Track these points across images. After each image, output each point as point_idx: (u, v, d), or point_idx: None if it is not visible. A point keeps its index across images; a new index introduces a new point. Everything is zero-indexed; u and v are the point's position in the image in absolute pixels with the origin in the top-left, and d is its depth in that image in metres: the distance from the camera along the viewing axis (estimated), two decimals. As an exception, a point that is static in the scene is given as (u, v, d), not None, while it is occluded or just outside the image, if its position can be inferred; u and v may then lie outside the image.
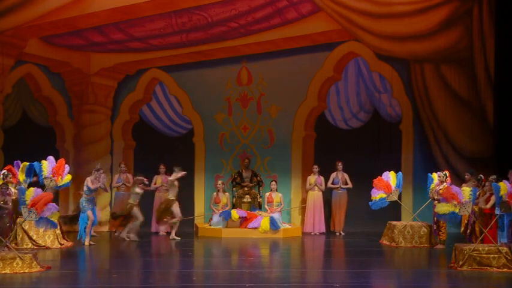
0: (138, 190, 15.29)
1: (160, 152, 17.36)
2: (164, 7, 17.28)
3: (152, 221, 16.63)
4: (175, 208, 15.55)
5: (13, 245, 12.85)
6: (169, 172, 16.55)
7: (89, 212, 14.48)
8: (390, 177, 14.50)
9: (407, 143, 17.43)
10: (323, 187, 16.78)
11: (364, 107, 17.63)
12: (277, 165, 17.56)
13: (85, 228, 14.45)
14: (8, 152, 16.49)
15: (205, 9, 17.32)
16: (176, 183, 15.59)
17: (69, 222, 16.19)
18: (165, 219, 15.73)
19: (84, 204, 14.55)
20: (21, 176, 12.78)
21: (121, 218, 15.76)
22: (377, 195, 14.48)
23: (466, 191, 11.70)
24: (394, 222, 14.88)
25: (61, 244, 14.13)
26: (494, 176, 13.23)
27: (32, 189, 11.23)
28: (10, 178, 12.81)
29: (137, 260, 13.31)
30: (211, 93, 17.64)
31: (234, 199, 16.91)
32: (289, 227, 16.54)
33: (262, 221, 15.85)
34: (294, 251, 14.72)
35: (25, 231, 13.86)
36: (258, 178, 17.09)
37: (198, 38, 17.47)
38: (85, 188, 14.62)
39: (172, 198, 15.52)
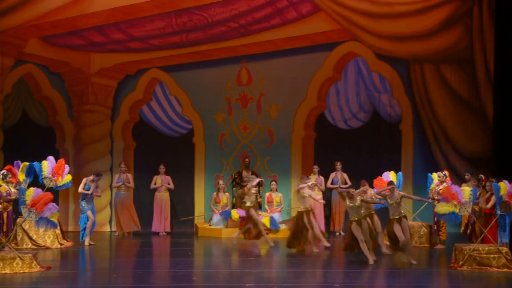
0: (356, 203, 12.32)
1: (160, 152, 17.36)
2: (164, 7, 17.29)
3: (153, 221, 16.63)
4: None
5: (13, 245, 12.86)
6: (169, 171, 16.59)
7: (89, 212, 14.49)
8: (390, 177, 14.48)
9: (407, 143, 17.42)
10: (323, 187, 16.78)
11: (364, 107, 17.63)
12: (277, 165, 17.57)
13: (85, 228, 14.45)
14: (8, 152, 16.49)
15: (205, 9, 17.33)
16: (254, 190, 14.36)
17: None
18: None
19: (83, 205, 14.56)
20: (21, 176, 12.77)
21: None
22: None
23: (466, 191, 11.70)
24: (394, 222, 14.84)
25: (61, 244, 14.14)
26: None
27: (32, 189, 11.23)
28: (10, 178, 12.80)
29: (137, 260, 13.31)
30: (211, 93, 17.64)
31: (234, 199, 16.92)
32: (289, 227, 16.52)
33: (262, 221, 15.84)
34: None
35: (25, 231, 13.87)
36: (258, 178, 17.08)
37: (198, 38, 17.48)
38: (80, 189, 14.66)
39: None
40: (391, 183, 12.37)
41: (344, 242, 12.77)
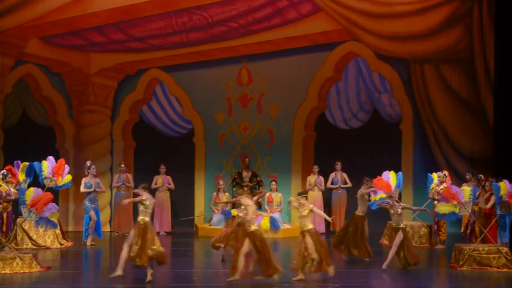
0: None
1: (160, 152, 17.36)
2: (164, 7, 17.30)
3: (154, 221, 16.63)
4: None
5: (13, 245, 12.86)
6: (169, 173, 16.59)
7: (91, 213, 14.48)
8: (390, 177, 14.46)
9: (407, 143, 17.42)
10: (323, 187, 16.79)
11: (364, 107, 17.63)
12: (277, 165, 17.56)
13: (87, 228, 14.45)
14: (8, 152, 16.49)
15: (205, 9, 17.34)
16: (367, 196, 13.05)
17: None
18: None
19: (87, 204, 14.56)
20: (21, 176, 12.77)
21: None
22: (377, 195, 14.44)
23: (466, 191, 11.70)
24: (394, 222, 14.84)
25: (61, 244, 14.14)
26: None
27: (32, 189, 11.24)
28: (10, 178, 12.80)
29: (137, 260, 13.28)
30: (211, 93, 17.65)
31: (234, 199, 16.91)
32: (289, 227, 16.54)
33: (262, 221, 15.81)
34: (294, 251, 14.68)
35: (25, 231, 13.87)
36: (258, 178, 17.09)
37: (198, 38, 17.49)
38: (81, 189, 14.68)
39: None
40: (390, 197, 12.22)
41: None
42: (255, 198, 13.22)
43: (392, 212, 11.98)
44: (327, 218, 11.71)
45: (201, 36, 17.49)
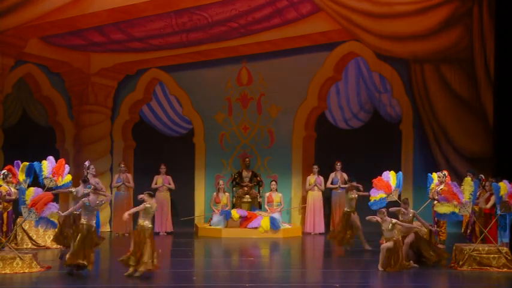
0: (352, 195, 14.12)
1: (160, 152, 17.36)
2: (164, 7, 17.30)
3: (155, 221, 16.62)
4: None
5: (13, 245, 12.86)
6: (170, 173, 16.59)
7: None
8: (390, 177, 14.45)
9: (407, 143, 17.43)
10: (323, 187, 16.79)
11: (364, 107, 17.64)
12: (277, 165, 17.56)
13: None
14: (8, 152, 16.49)
15: (205, 9, 17.34)
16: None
17: None
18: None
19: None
20: (21, 176, 12.76)
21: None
22: (377, 195, 14.42)
23: (467, 183, 11.70)
24: (394, 222, 14.83)
25: (61, 244, 14.12)
26: None
27: (32, 189, 11.24)
28: (10, 178, 12.80)
29: (137, 260, 13.27)
30: (211, 93, 17.64)
31: (234, 199, 16.92)
32: (289, 227, 16.55)
33: (262, 221, 15.87)
34: (294, 251, 14.72)
35: (25, 231, 13.87)
36: (258, 178, 17.09)
37: (198, 38, 17.49)
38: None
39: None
40: (381, 212, 12.08)
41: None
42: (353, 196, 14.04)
43: (383, 227, 11.89)
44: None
45: (201, 36, 17.49)
